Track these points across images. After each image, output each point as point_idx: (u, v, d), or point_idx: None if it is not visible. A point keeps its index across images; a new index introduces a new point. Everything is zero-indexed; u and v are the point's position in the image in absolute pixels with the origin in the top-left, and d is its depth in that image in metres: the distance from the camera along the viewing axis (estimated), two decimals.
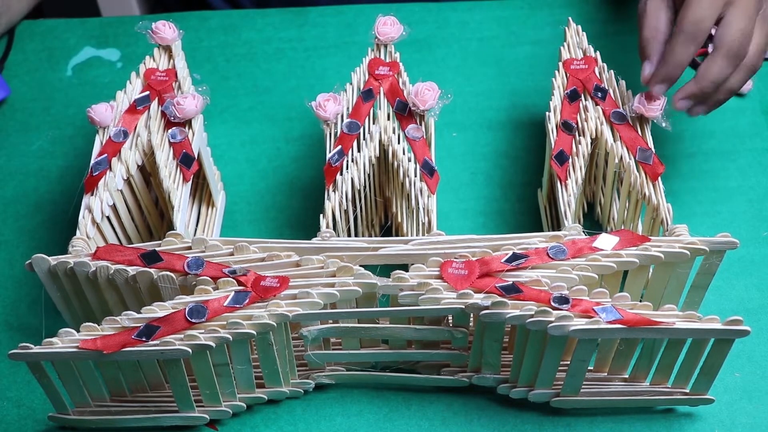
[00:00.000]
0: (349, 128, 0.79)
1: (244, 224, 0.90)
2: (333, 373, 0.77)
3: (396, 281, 0.69)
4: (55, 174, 0.94)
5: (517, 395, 0.76)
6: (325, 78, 1.02)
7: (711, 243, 0.71)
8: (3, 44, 1.06)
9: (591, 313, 0.67)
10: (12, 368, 0.80)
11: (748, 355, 0.79)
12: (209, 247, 0.72)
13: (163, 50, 0.86)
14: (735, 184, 0.91)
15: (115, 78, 1.03)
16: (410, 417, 0.77)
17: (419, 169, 0.77)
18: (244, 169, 0.95)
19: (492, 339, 0.71)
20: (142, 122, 0.80)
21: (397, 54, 0.84)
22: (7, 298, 0.85)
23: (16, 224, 0.90)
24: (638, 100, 0.79)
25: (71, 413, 0.75)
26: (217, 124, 0.98)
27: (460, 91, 0.99)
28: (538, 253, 0.71)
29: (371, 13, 0.87)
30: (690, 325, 0.67)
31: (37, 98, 1.01)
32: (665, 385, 0.75)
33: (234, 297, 0.69)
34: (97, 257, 0.72)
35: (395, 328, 0.73)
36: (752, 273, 0.84)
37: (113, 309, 0.74)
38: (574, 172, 0.78)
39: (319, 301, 0.69)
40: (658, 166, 0.76)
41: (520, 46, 1.04)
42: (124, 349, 0.66)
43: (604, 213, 0.86)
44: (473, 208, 0.90)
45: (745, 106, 0.98)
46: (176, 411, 0.75)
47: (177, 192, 0.76)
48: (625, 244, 0.71)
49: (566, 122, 0.80)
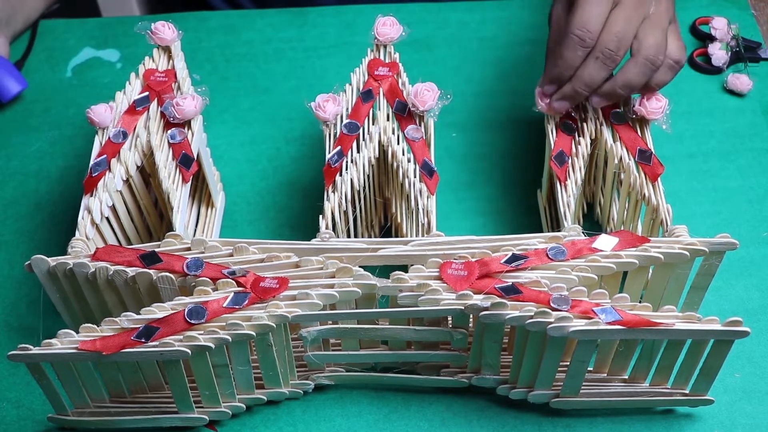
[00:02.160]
0: (348, 129, 0.79)
1: (244, 225, 0.90)
2: (332, 374, 0.77)
3: (395, 282, 0.69)
4: (54, 175, 0.94)
5: (517, 396, 0.76)
6: (324, 78, 1.02)
7: (711, 244, 0.71)
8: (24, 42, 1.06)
9: (590, 314, 0.67)
10: (11, 369, 0.80)
11: (748, 356, 0.79)
12: (208, 248, 0.72)
13: (163, 51, 0.86)
14: (735, 184, 0.91)
15: (114, 78, 1.03)
16: (410, 418, 0.77)
17: (419, 169, 0.77)
18: (244, 169, 0.95)
19: (491, 340, 0.71)
20: (141, 123, 0.80)
21: (396, 54, 0.84)
22: (6, 298, 0.85)
23: (15, 225, 0.90)
24: (639, 103, 0.79)
25: (70, 414, 0.75)
26: (217, 125, 0.98)
27: (460, 91, 0.99)
28: (538, 254, 0.71)
29: (371, 14, 0.87)
30: (689, 326, 0.67)
31: (37, 99, 1.01)
32: (665, 385, 0.75)
33: (233, 298, 0.69)
34: (97, 258, 0.72)
35: (395, 329, 0.73)
36: (752, 273, 0.84)
37: (112, 310, 0.74)
38: (573, 172, 0.78)
39: (319, 302, 0.69)
40: (658, 167, 0.76)
41: (520, 46, 1.04)
42: (123, 350, 0.66)
43: (604, 214, 0.86)
44: (473, 209, 0.90)
45: (745, 106, 0.97)
46: (175, 412, 0.75)
47: (176, 193, 0.76)
48: (624, 245, 0.71)
49: (566, 123, 0.80)
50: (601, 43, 0.76)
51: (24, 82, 0.99)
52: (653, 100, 0.79)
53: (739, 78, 0.98)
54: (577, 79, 0.77)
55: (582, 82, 0.77)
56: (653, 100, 0.79)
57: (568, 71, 0.77)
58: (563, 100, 0.79)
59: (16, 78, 0.99)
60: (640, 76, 0.77)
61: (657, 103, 0.79)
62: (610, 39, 0.76)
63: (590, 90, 0.78)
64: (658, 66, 0.77)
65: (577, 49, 0.76)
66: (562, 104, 0.79)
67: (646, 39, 0.76)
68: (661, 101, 0.79)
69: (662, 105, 0.79)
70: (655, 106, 0.79)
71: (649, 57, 0.76)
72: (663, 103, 0.79)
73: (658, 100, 0.79)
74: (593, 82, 0.77)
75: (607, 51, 0.76)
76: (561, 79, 0.78)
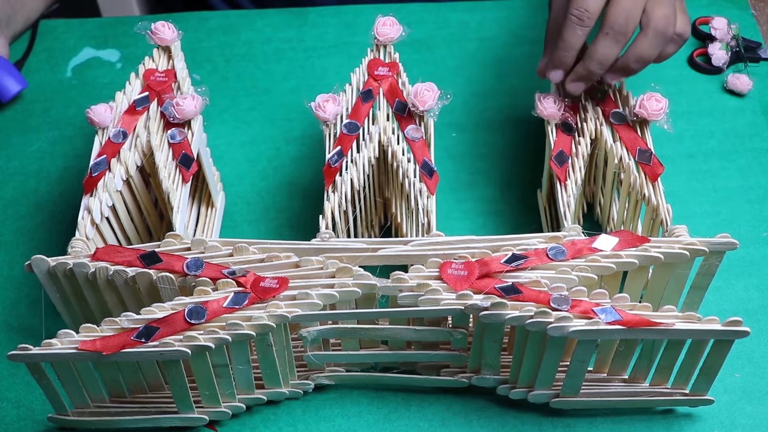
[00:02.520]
0: (348, 129, 0.79)
1: (244, 225, 0.90)
2: (332, 373, 0.77)
3: (395, 282, 0.69)
4: (54, 175, 0.94)
5: (517, 396, 0.76)
6: (324, 78, 1.02)
7: (711, 244, 0.71)
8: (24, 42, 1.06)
9: (590, 314, 0.67)
10: (11, 369, 0.80)
11: (748, 356, 0.79)
12: (208, 248, 0.72)
13: (163, 51, 0.86)
14: (735, 184, 0.91)
15: (114, 79, 1.03)
16: (410, 418, 0.77)
17: (419, 169, 0.77)
18: (244, 169, 0.95)
19: (491, 340, 0.71)
20: (141, 123, 0.80)
21: (396, 54, 0.84)
22: (6, 299, 0.85)
23: (15, 225, 0.90)
24: (639, 105, 0.79)
25: (70, 414, 0.75)
26: (217, 125, 0.98)
27: (459, 91, 0.99)
28: (538, 253, 0.71)
29: (371, 14, 0.87)
30: (689, 326, 0.67)
31: (37, 99, 1.01)
32: (665, 385, 0.75)
33: (233, 298, 0.69)
34: (97, 258, 0.72)
35: (395, 329, 0.73)
36: (752, 273, 0.84)
37: (112, 310, 0.74)
38: (573, 172, 0.78)
39: (319, 302, 0.69)
40: (658, 167, 0.76)
41: (520, 46, 1.04)
42: (123, 351, 0.66)
43: (604, 213, 0.86)
44: (473, 209, 0.90)
45: (745, 106, 0.97)
46: (175, 412, 0.75)
47: (176, 193, 0.76)
48: (624, 244, 0.71)
49: (566, 123, 0.80)
50: (609, 19, 0.75)
51: (24, 81, 0.99)
52: (653, 101, 0.79)
53: (739, 78, 0.98)
54: (588, 58, 0.77)
55: (594, 61, 0.77)
56: (653, 101, 0.79)
57: (569, 52, 0.77)
58: (578, 81, 0.78)
59: (16, 78, 0.99)
60: (651, 48, 0.77)
61: (657, 104, 0.79)
62: (618, 14, 0.75)
63: (604, 68, 0.77)
64: (669, 37, 0.77)
65: (576, 29, 0.76)
66: (578, 85, 0.79)
67: (654, 11, 0.76)
68: (661, 102, 0.79)
69: (662, 106, 0.79)
70: (656, 108, 0.79)
71: (659, 29, 0.76)
72: (663, 104, 0.79)
73: (658, 101, 0.79)
74: (606, 60, 0.76)
75: (617, 26, 0.75)
76: (564, 61, 0.78)
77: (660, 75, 0.96)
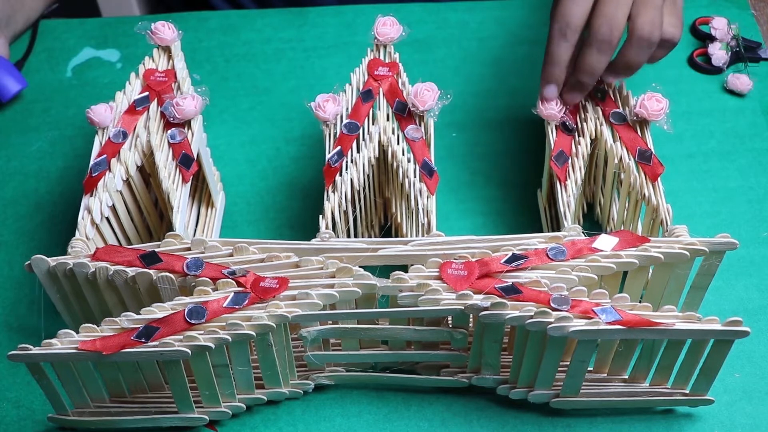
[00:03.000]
0: (348, 129, 0.79)
1: (244, 225, 0.90)
2: (332, 373, 0.77)
3: (395, 282, 0.69)
4: (54, 175, 0.94)
5: (517, 396, 0.76)
6: (324, 78, 1.02)
7: (711, 244, 0.71)
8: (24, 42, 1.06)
9: (590, 314, 0.67)
10: (11, 369, 0.80)
11: (748, 356, 0.79)
12: (208, 248, 0.72)
13: (163, 51, 0.86)
14: (735, 184, 0.91)
15: (114, 79, 1.03)
16: (410, 418, 0.77)
17: (419, 169, 0.77)
18: (244, 169, 0.95)
19: (491, 340, 0.71)
20: (141, 123, 0.80)
21: (396, 54, 0.84)
22: (6, 299, 0.85)
23: (15, 225, 0.90)
24: (640, 105, 0.79)
25: (70, 414, 0.75)
26: (217, 125, 0.98)
27: (459, 91, 0.99)
28: (538, 253, 0.71)
29: (371, 14, 0.87)
30: (689, 326, 0.67)
31: (37, 99, 1.01)
32: (665, 385, 0.75)
33: (233, 298, 0.69)
34: (97, 258, 0.72)
35: (395, 329, 0.73)
36: (752, 273, 0.84)
37: (112, 310, 0.74)
38: (573, 172, 0.78)
39: (319, 302, 0.69)
40: (658, 167, 0.76)
41: (520, 46, 1.04)
42: (123, 351, 0.66)
43: (604, 213, 0.86)
44: (473, 209, 0.90)
45: (745, 106, 0.97)
46: (176, 412, 0.75)
47: (176, 193, 0.76)
48: (624, 244, 0.71)
49: (565, 123, 0.80)
50: (593, 29, 0.76)
51: (24, 81, 0.99)
52: (653, 101, 0.79)
53: (739, 78, 0.98)
54: (578, 70, 0.77)
55: (584, 72, 0.77)
56: (653, 101, 0.79)
57: (556, 67, 0.77)
58: (572, 92, 0.79)
59: (16, 77, 0.99)
60: (637, 56, 0.77)
61: (658, 104, 0.79)
62: (601, 24, 0.75)
63: (594, 78, 0.78)
64: (655, 42, 0.77)
65: (560, 43, 0.76)
66: (573, 96, 0.79)
67: (638, 18, 0.76)
68: (661, 102, 0.79)
69: (663, 106, 0.79)
70: (656, 108, 0.79)
71: (644, 36, 0.76)
72: (664, 104, 0.79)
73: (659, 102, 0.79)
74: (595, 71, 0.77)
75: (600, 36, 0.75)
76: (553, 76, 0.78)
77: (660, 75, 0.96)
